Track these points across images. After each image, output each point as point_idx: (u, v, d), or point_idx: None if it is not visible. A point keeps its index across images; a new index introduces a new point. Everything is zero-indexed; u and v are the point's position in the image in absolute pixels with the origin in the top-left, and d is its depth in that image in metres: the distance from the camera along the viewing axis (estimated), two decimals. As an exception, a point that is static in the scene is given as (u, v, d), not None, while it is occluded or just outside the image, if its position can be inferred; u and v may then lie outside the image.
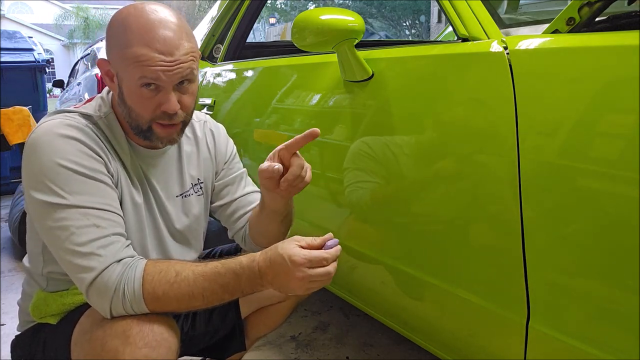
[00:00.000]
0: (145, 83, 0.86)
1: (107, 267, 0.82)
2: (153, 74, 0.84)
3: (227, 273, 0.83)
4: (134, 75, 0.85)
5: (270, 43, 2.62)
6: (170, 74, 0.85)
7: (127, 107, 0.90)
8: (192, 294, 0.83)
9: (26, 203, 0.91)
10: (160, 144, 0.95)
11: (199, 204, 1.10)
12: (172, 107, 0.88)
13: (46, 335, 0.98)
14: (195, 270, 0.84)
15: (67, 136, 0.86)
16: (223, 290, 0.84)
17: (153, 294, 0.82)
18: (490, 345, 0.97)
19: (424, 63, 1.07)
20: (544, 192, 0.80)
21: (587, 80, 0.75)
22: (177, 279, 0.83)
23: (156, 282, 0.82)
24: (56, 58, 29.13)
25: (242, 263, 0.84)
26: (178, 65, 0.86)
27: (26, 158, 0.87)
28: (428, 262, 1.06)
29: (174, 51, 0.85)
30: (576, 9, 0.84)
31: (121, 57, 0.86)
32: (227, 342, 1.21)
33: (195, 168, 1.09)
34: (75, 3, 27.72)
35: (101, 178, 0.87)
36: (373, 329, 1.76)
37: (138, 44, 0.84)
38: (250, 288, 0.84)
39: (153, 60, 0.84)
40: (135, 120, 0.91)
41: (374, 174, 1.16)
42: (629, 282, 0.71)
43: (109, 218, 0.86)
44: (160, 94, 0.87)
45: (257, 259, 0.84)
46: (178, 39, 0.86)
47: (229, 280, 0.83)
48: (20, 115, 2.71)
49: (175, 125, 0.92)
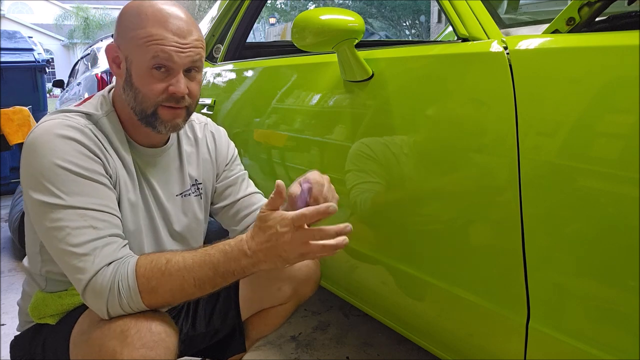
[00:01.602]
0: (157, 64, 0.88)
1: (100, 268, 0.82)
2: (166, 53, 0.87)
3: (215, 253, 0.83)
4: (146, 55, 0.88)
5: (270, 43, 2.62)
6: (182, 56, 0.89)
7: (135, 90, 0.91)
8: (184, 278, 0.82)
9: (25, 202, 0.92)
10: (164, 129, 0.94)
11: (199, 205, 1.10)
12: (181, 89, 0.90)
13: (45, 336, 0.98)
14: (185, 255, 0.84)
15: (66, 137, 0.86)
16: (214, 272, 0.83)
17: (147, 286, 0.82)
18: (490, 345, 0.97)
19: (424, 63, 1.07)
20: (544, 192, 0.80)
21: (587, 80, 0.75)
22: (168, 266, 0.82)
23: (149, 273, 0.82)
24: (56, 58, 29.13)
25: (230, 243, 0.84)
26: (190, 48, 0.89)
27: (25, 158, 0.87)
28: (428, 262, 1.06)
29: (186, 35, 0.89)
30: (576, 9, 0.84)
31: (133, 38, 0.89)
32: (227, 342, 1.21)
33: (194, 169, 1.09)
34: (75, 3, 27.71)
35: (99, 179, 0.87)
36: (373, 329, 1.76)
37: (153, 24, 0.88)
38: (242, 268, 0.83)
39: (167, 40, 0.87)
40: (140, 104, 0.91)
41: (373, 174, 1.16)
42: (629, 282, 0.71)
43: (106, 219, 0.86)
44: (170, 76, 0.90)
45: (244, 237, 0.84)
46: (190, 27, 0.91)
47: (218, 261, 0.83)
48: (20, 115, 2.70)
49: (181, 109, 0.93)
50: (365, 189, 1.19)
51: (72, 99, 6.77)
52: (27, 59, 3.96)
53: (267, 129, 1.57)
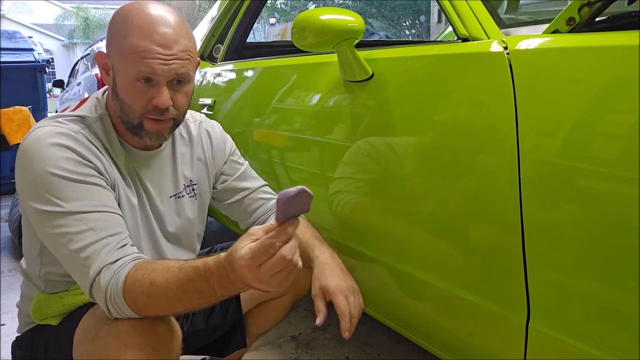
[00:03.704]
0: (140, 77, 0.86)
1: (99, 272, 0.82)
2: (149, 67, 0.85)
3: (198, 279, 0.76)
4: (130, 68, 0.86)
5: (270, 43, 2.62)
6: (165, 68, 0.86)
7: (120, 101, 0.90)
8: (170, 303, 0.79)
9: (21, 208, 0.91)
10: (149, 140, 0.94)
11: (193, 206, 1.09)
12: (163, 102, 0.88)
13: (48, 336, 0.98)
14: (168, 279, 0.78)
15: (57, 144, 0.86)
16: (199, 297, 0.77)
17: (135, 306, 0.81)
18: (490, 345, 0.97)
19: (424, 63, 1.07)
20: (544, 192, 0.80)
21: (587, 80, 0.75)
22: (151, 290, 0.78)
23: (134, 295, 0.80)
24: (56, 58, 29.12)
25: (210, 268, 0.75)
26: (174, 60, 0.86)
27: (19, 167, 0.87)
28: (428, 262, 1.06)
29: (172, 45, 0.86)
30: (576, 9, 0.84)
31: (119, 48, 0.87)
32: (227, 338, 1.21)
33: (188, 169, 1.09)
34: (75, 3, 27.70)
35: (94, 181, 0.87)
36: (373, 329, 1.76)
37: (137, 35, 0.85)
38: (228, 291, 0.76)
39: (150, 52, 0.84)
40: (126, 115, 0.90)
41: (373, 174, 1.16)
42: (629, 282, 0.71)
43: (106, 219, 0.85)
44: (153, 88, 0.87)
45: (222, 261, 0.74)
46: (177, 36, 0.87)
47: (201, 287, 0.76)
48: (20, 115, 2.71)
49: (166, 122, 0.92)
50: (365, 188, 1.19)
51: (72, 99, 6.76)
52: (27, 59, 3.96)
53: (267, 129, 1.57)
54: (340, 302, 0.95)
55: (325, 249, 1.05)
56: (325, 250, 1.05)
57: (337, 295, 0.96)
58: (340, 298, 0.95)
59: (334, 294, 0.96)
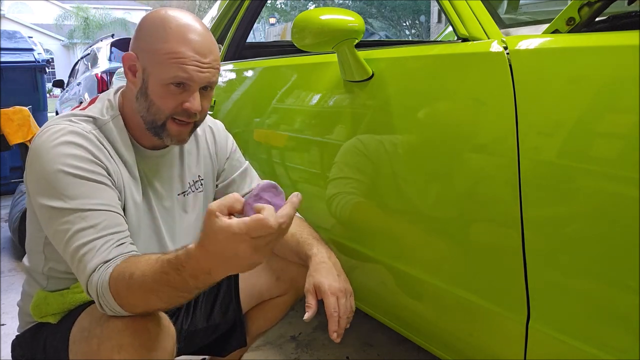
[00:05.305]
0: (176, 81, 0.88)
1: (94, 270, 0.82)
2: (187, 73, 0.88)
3: (170, 271, 0.75)
4: (166, 72, 0.88)
5: (270, 43, 2.62)
6: (202, 75, 0.89)
7: (149, 101, 0.91)
8: (147, 296, 0.79)
9: (29, 204, 0.93)
10: (169, 142, 0.96)
11: (199, 202, 1.11)
12: (196, 107, 0.91)
13: (47, 335, 0.99)
14: (145, 271, 0.77)
15: (69, 142, 0.88)
16: (172, 289, 0.76)
17: (120, 300, 0.80)
18: (490, 345, 0.97)
19: (424, 63, 1.07)
20: (544, 192, 0.80)
21: (587, 80, 0.75)
22: (130, 282, 0.78)
23: (118, 286, 0.79)
24: (56, 58, 29.11)
25: (181, 260, 0.74)
26: (209, 68, 0.90)
27: (30, 163, 0.89)
28: (428, 261, 1.06)
29: (207, 54, 0.90)
30: (576, 9, 0.84)
31: (154, 51, 0.89)
32: (227, 337, 1.22)
33: (195, 165, 1.10)
34: (75, 3, 27.68)
35: (101, 180, 0.89)
36: (373, 329, 1.76)
37: (176, 40, 0.88)
38: (201, 282, 0.75)
39: (189, 59, 0.88)
40: (152, 115, 0.92)
41: (374, 174, 1.16)
42: (629, 282, 0.71)
43: (106, 218, 0.87)
44: (186, 93, 0.90)
45: (193, 252, 0.73)
46: (211, 45, 0.92)
47: (174, 279, 0.75)
48: (20, 115, 2.70)
49: (188, 125, 0.95)
50: (365, 188, 1.19)
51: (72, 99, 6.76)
52: (27, 59, 3.95)
53: (267, 129, 1.57)
54: (331, 302, 0.96)
55: (322, 249, 1.06)
56: (323, 249, 1.06)
57: (329, 295, 0.96)
58: (332, 299, 0.96)
59: (326, 293, 0.96)
